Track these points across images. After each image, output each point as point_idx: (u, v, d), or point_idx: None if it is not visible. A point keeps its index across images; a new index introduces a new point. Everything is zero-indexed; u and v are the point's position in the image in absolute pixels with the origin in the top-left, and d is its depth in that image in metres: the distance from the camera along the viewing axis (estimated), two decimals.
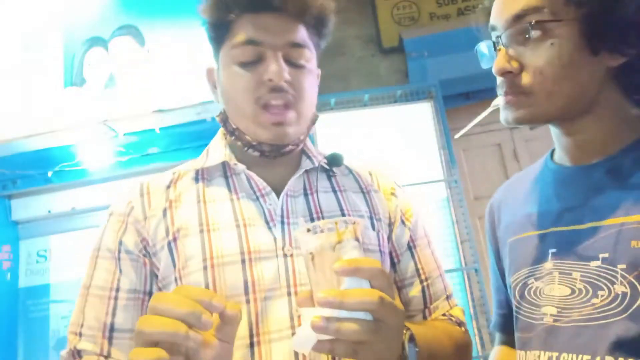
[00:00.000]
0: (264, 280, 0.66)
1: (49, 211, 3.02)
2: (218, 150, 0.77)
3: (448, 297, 0.82)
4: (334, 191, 0.79)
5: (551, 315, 0.62)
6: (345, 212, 0.76)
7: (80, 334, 0.67)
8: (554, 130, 0.70)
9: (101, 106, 2.70)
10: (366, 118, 2.66)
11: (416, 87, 2.73)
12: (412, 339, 0.58)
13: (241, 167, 0.73)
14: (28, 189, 3.00)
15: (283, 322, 0.64)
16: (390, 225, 0.81)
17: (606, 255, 0.58)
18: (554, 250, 0.65)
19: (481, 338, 2.35)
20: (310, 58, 0.75)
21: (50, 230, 3.08)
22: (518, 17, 0.62)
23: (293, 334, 0.63)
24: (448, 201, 2.54)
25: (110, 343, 0.67)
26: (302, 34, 0.73)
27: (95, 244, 0.73)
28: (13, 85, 2.87)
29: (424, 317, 0.79)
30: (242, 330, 0.63)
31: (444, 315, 0.80)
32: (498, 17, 0.66)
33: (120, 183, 2.92)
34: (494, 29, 0.67)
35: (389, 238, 0.79)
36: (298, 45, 0.72)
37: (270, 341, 0.63)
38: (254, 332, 0.64)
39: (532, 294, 0.66)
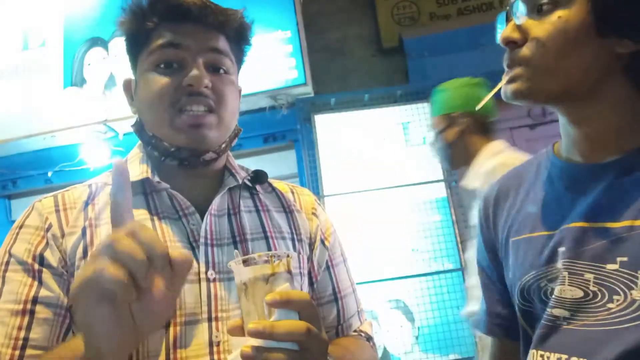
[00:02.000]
0: (185, 303, 0.64)
1: None
2: (136, 165, 0.73)
3: (359, 313, 0.84)
4: (257, 211, 0.77)
5: (564, 318, 0.60)
6: (268, 233, 0.75)
7: None
8: (560, 120, 0.67)
9: (101, 106, 2.70)
10: (366, 118, 2.66)
11: (416, 87, 2.73)
12: None
13: (164, 185, 0.70)
14: (28, 189, 3.00)
15: (202, 348, 0.63)
16: (311, 245, 0.80)
17: (625, 258, 0.55)
18: (562, 249, 0.62)
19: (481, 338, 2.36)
20: (231, 68, 0.73)
21: None
22: None
23: (211, 359, 0.63)
24: (448, 201, 2.53)
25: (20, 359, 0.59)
26: (222, 42, 0.72)
27: (1, 259, 0.65)
28: (13, 85, 2.87)
29: (337, 334, 0.81)
30: (160, 354, 0.61)
31: (355, 331, 0.83)
32: None
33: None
34: (511, 4, 0.65)
35: (309, 258, 0.79)
36: (219, 52, 0.71)
37: None
38: (171, 356, 0.62)
39: (540, 294, 0.64)
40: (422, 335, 2.37)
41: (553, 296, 0.61)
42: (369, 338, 0.83)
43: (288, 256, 0.55)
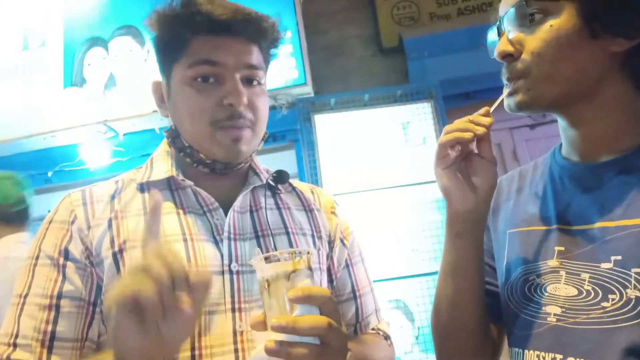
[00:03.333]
0: (210, 295, 0.66)
1: (49, 211, 3.02)
2: (163, 163, 0.76)
3: (377, 312, 0.87)
4: (279, 208, 0.80)
5: (555, 315, 0.60)
6: (290, 229, 0.78)
7: (15, 345, 0.62)
8: (560, 123, 0.68)
9: (101, 106, 2.70)
10: (366, 118, 2.66)
11: (416, 87, 2.72)
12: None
13: (188, 182, 0.73)
14: None
15: (226, 337, 0.66)
16: (331, 243, 0.83)
17: (619, 257, 0.56)
18: (561, 248, 0.63)
19: None
20: (263, 79, 0.76)
21: None
22: (520, 4, 0.61)
23: (235, 349, 0.65)
24: None
25: (49, 352, 0.62)
26: (257, 55, 0.75)
27: (32, 252, 0.69)
28: (13, 85, 2.87)
29: (356, 332, 0.83)
30: (186, 342, 0.64)
31: (373, 329, 0.84)
32: (503, 6, 0.65)
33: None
34: (501, 17, 0.66)
35: (329, 255, 0.82)
36: (254, 67, 0.74)
37: (212, 355, 0.64)
38: (196, 345, 0.64)
39: (532, 290, 0.64)
40: (422, 335, 2.37)
41: (545, 293, 0.62)
42: (387, 337, 0.85)
43: (308, 253, 0.57)
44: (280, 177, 0.83)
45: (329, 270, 0.82)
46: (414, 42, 2.88)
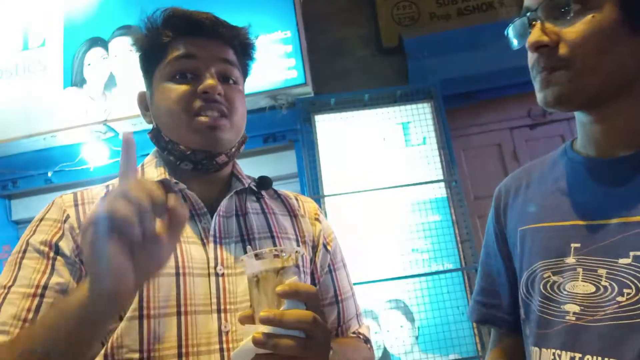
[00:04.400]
0: (195, 295, 0.69)
1: None
2: (154, 168, 0.78)
3: (358, 316, 0.89)
4: (264, 213, 0.83)
5: (574, 313, 0.59)
6: (275, 233, 0.80)
7: None
8: (580, 118, 0.67)
9: (101, 106, 2.70)
10: (366, 118, 2.66)
11: (416, 87, 2.72)
12: (334, 355, 0.63)
13: (181, 186, 0.75)
14: (28, 189, 3.01)
15: (212, 337, 0.68)
16: (314, 248, 0.85)
17: (638, 253, 0.55)
18: (577, 245, 0.62)
19: (481, 338, 2.35)
20: (239, 78, 0.80)
21: None
22: None
23: (221, 348, 0.67)
24: (448, 201, 2.53)
25: None
26: (232, 55, 0.79)
27: (19, 247, 0.69)
28: (13, 85, 2.87)
29: (337, 335, 0.85)
30: (172, 339, 0.66)
31: (353, 333, 0.86)
32: None
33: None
34: (528, 10, 0.63)
35: (312, 260, 0.84)
36: (229, 63, 0.77)
37: (198, 354, 0.66)
38: (183, 343, 0.66)
39: (548, 288, 0.64)
40: (422, 335, 2.37)
41: (564, 291, 0.61)
42: (367, 340, 0.87)
43: (297, 252, 0.60)
44: (264, 182, 0.85)
45: (312, 274, 0.84)
46: (414, 42, 2.88)
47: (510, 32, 0.67)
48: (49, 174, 2.90)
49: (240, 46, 0.81)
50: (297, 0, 2.73)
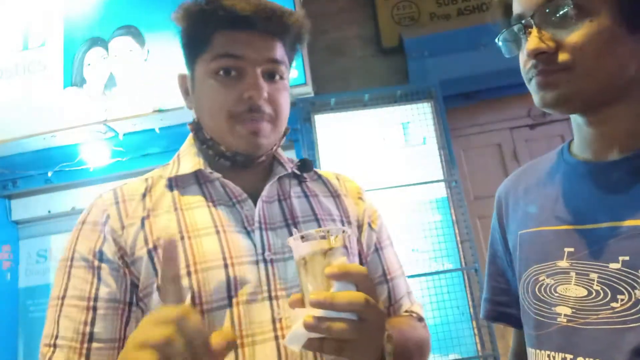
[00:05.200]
0: (246, 284, 0.68)
1: (49, 211, 3.03)
2: (189, 158, 0.77)
3: (409, 295, 0.87)
4: (306, 196, 0.81)
5: (565, 315, 0.60)
6: (319, 216, 0.78)
7: (55, 345, 0.64)
8: (576, 121, 0.67)
9: (101, 106, 2.70)
10: (366, 118, 2.66)
11: (416, 87, 2.72)
12: (389, 338, 0.62)
13: (216, 175, 0.74)
14: (28, 189, 3.01)
15: (265, 325, 0.66)
16: (359, 228, 0.83)
17: (627, 258, 0.56)
18: (571, 249, 0.62)
19: (481, 338, 2.35)
20: (285, 74, 0.77)
21: (50, 230, 3.08)
22: (550, 0, 0.59)
23: (275, 336, 0.66)
24: (448, 201, 2.53)
25: (88, 355, 0.64)
26: (279, 51, 0.75)
27: (66, 254, 0.70)
28: (13, 85, 2.87)
29: (389, 315, 0.83)
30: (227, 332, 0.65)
31: (406, 311, 0.84)
32: (526, 3, 0.62)
33: (120, 183, 2.92)
34: (521, 17, 0.63)
35: (358, 240, 0.82)
36: (276, 62, 0.74)
37: (253, 343, 0.65)
38: (238, 334, 0.65)
39: (542, 291, 0.64)
40: None
41: (555, 294, 0.62)
42: (420, 318, 0.84)
43: (343, 232, 0.57)
44: (305, 165, 0.84)
45: (359, 254, 0.82)
46: (414, 42, 2.88)
47: (502, 39, 0.68)
48: (49, 174, 2.90)
49: (291, 38, 0.77)
50: (297, 0, 2.72)
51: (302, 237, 0.56)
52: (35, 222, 3.10)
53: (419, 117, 2.64)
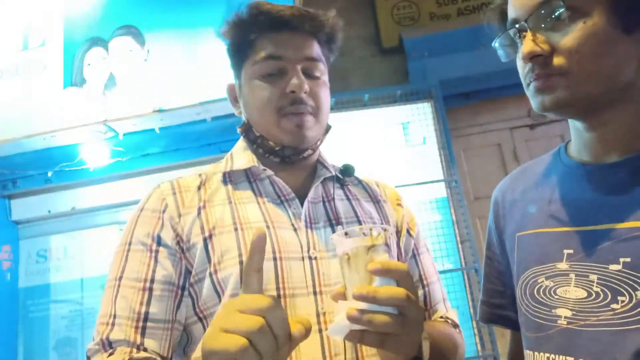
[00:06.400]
0: (292, 278, 0.71)
1: (49, 211, 3.03)
2: (242, 156, 0.83)
3: (444, 301, 0.88)
4: (349, 199, 0.85)
5: (565, 317, 0.60)
6: (360, 218, 0.82)
7: (112, 324, 0.68)
8: (575, 124, 0.66)
9: (101, 106, 2.71)
10: (366, 118, 2.66)
11: (416, 87, 2.73)
12: (427, 335, 0.64)
13: (269, 172, 0.79)
14: (28, 189, 3.01)
15: (310, 318, 0.67)
16: (398, 233, 0.86)
17: (628, 259, 0.55)
18: (570, 251, 0.62)
19: (481, 338, 2.35)
20: (324, 71, 0.82)
21: (50, 230, 3.08)
22: (543, 4, 0.59)
23: (319, 329, 0.69)
24: (448, 201, 2.53)
25: (143, 333, 0.68)
26: (316, 49, 0.81)
27: (125, 239, 0.74)
28: (13, 85, 2.87)
29: (425, 319, 0.82)
30: None
31: (441, 317, 0.85)
32: (521, 7, 0.62)
33: (120, 183, 2.92)
34: (516, 21, 0.63)
35: (397, 245, 0.85)
36: (314, 59, 0.80)
37: None
38: None
39: (541, 293, 0.64)
40: None
41: (555, 296, 0.62)
42: (456, 325, 0.86)
43: (385, 230, 0.59)
44: (347, 170, 0.88)
45: (397, 259, 0.84)
46: (414, 42, 2.88)
47: (499, 44, 0.68)
48: (49, 174, 2.90)
49: (325, 37, 0.82)
50: (297, 1, 2.72)
51: (346, 234, 0.58)
52: (35, 222, 3.10)
53: (419, 117, 2.64)
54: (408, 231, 0.88)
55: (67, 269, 2.99)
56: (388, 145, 2.62)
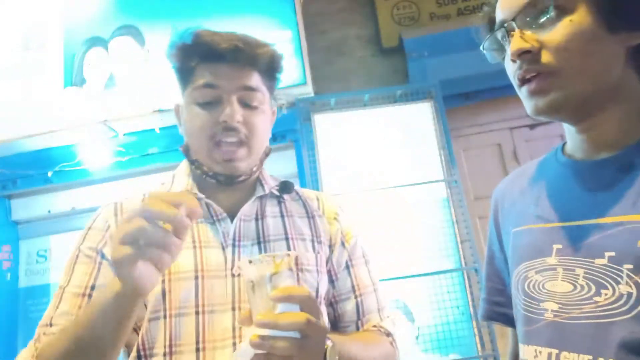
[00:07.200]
0: (213, 295, 0.76)
1: (49, 211, 3.03)
2: (182, 178, 0.87)
3: (380, 311, 0.91)
4: (282, 216, 0.88)
5: (552, 311, 0.62)
6: (289, 235, 0.85)
7: (51, 324, 0.73)
8: (569, 128, 0.68)
9: (101, 106, 2.70)
10: (366, 118, 2.66)
11: (416, 87, 2.72)
12: (331, 349, 0.68)
13: (201, 196, 0.83)
14: (28, 189, 3.00)
15: (226, 332, 0.74)
16: (331, 246, 0.90)
17: (612, 253, 0.56)
18: (559, 246, 0.63)
19: (481, 338, 2.35)
20: (263, 100, 0.84)
21: (50, 230, 3.08)
22: (530, 4, 0.60)
23: (234, 343, 0.74)
24: (448, 201, 2.53)
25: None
26: (255, 79, 0.82)
27: (74, 253, 0.80)
28: (13, 85, 2.87)
29: (357, 328, 0.89)
30: (191, 336, 0.73)
31: (374, 326, 0.89)
32: (508, 8, 0.63)
33: (120, 183, 2.92)
34: (503, 23, 0.64)
35: (329, 258, 0.89)
36: (251, 89, 0.81)
37: (214, 348, 0.73)
38: (201, 339, 0.73)
39: (531, 287, 0.66)
40: (422, 335, 2.37)
41: (543, 290, 0.63)
42: (388, 334, 0.89)
43: (288, 255, 0.62)
44: (285, 187, 0.91)
45: (329, 272, 0.88)
46: (414, 42, 2.88)
47: (487, 46, 0.70)
48: (49, 174, 2.90)
49: (265, 66, 0.84)
50: (297, 0, 2.72)
51: (250, 262, 0.61)
52: (35, 222, 3.10)
53: (419, 117, 2.64)
54: (342, 244, 0.91)
55: None
56: (388, 145, 2.62)
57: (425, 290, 2.40)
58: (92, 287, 0.76)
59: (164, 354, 0.72)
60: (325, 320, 0.86)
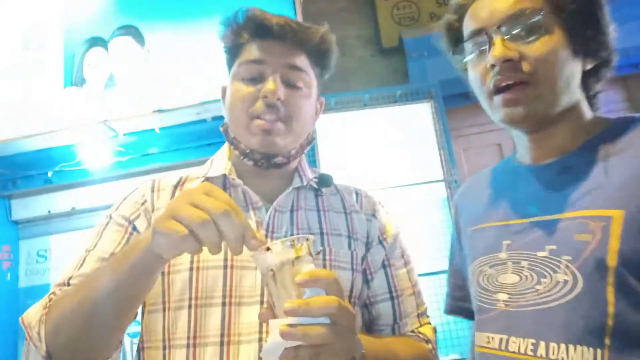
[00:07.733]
0: (241, 287, 0.73)
1: (49, 211, 3.02)
2: (221, 162, 0.85)
3: (419, 315, 0.87)
4: (318, 210, 0.85)
5: (503, 301, 0.67)
6: (324, 230, 0.82)
7: (69, 284, 0.73)
8: (520, 136, 0.74)
9: (101, 106, 2.70)
10: (366, 118, 2.66)
11: (416, 87, 2.72)
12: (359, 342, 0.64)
13: (238, 182, 0.81)
14: (28, 189, 3.00)
15: (252, 327, 0.71)
16: (368, 244, 0.86)
17: (553, 247, 0.63)
18: (508, 242, 0.70)
19: None
20: (309, 83, 0.82)
21: (50, 230, 3.08)
22: (514, 17, 0.66)
23: (260, 338, 0.70)
24: (448, 201, 2.53)
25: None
26: (302, 59, 0.81)
27: (104, 219, 0.81)
28: (13, 85, 2.87)
29: (393, 332, 0.85)
30: (216, 328, 0.70)
31: (412, 331, 0.85)
32: (489, 18, 0.69)
33: (120, 183, 2.92)
34: (481, 30, 0.70)
35: (364, 257, 0.85)
36: (296, 69, 0.80)
37: (239, 342, 0.70)
38: (226, 332, 0.70)
39: (486, 280, 0.72)
40: None
41: (496, 282, 0.70)
42: (428, 341, 0.85)
43: (307, 239, 0.59)
44: (324, 180, 0.88)
45: (365, 271, 0.85)
46: (414, 42, 2.88)
47: (458, 51, 0.75)
48: (49, 174, 2.90)
49: (314, 48, 0.83)
50: (297, 1, 2.73)
51: (268, 249, 0.57)
52: (35, 222, 3.10)
53: (419, 117, 2.64)
54: (380, 242, 0.87)
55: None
56: (388, 145, 2.62)
57: (425, 290, 2.38)
58: (114, 255, 0.74)
59: (187, 345, 0.70)
60: (359, 322, 0.83)
